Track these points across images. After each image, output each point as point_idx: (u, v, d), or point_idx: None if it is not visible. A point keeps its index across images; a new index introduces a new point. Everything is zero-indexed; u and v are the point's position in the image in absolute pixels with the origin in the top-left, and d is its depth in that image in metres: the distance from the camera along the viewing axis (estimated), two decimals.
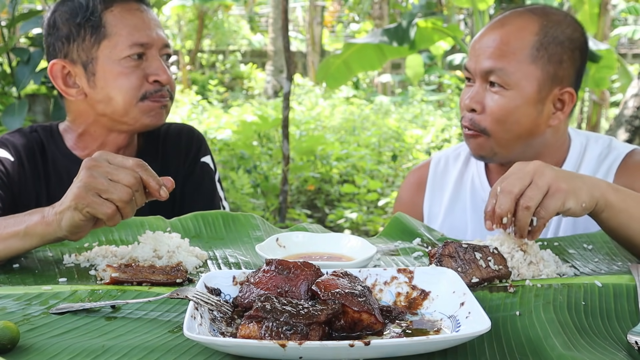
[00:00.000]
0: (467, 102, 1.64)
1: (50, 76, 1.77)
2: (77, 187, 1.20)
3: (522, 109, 1.61)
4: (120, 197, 1.19)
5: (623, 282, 1.12)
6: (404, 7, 14.61)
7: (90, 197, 1.18)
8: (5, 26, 3.84)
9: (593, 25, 9.32)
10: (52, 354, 0.88)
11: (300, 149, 7.41)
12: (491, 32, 1.65)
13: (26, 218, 1.28)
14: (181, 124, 2.01)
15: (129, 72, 1.71)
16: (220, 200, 1.93)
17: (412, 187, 1.97)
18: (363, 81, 15.65)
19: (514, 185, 1.18)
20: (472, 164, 1.86)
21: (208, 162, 1.96)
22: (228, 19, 18.98)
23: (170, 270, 1.18)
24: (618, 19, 15.90)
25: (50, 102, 4.24)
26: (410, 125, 9.72)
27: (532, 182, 1.18)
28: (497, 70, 1.59)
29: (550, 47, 1.61)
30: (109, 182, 1.19)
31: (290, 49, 5.51)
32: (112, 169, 1.21)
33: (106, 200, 1.19)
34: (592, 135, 1.78)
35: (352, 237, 1.35)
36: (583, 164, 1.71)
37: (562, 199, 1.17)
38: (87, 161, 1.23)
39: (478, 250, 1.15)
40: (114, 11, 1.72)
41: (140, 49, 1.72)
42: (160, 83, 1.75)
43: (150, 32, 1.74)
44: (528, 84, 1.61)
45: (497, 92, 1.61)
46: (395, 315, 0.98)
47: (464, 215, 1.82)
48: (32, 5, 8.33)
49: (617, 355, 0.88)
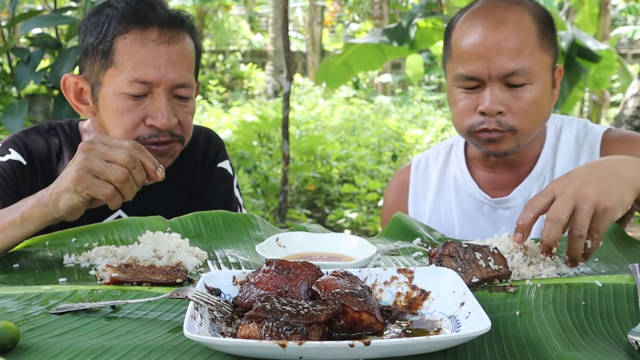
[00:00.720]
0: (493, 107, 1.57)
1: (62, 89, 1.68)
2: (74, 170, 1.22)
3: (546, 98, 1.62)
4: (117, 176, 1.21)
5: (623, 282, 1.12)
6: (404, 7, 14.60)
7: (89, 179, 1.21)
8: (5, 26, 3.84)
9: (593, 25, 9.33)
10: (52, 354, 0.88)
11: (300, 149, 7.41)
12: (492, 32, 1.58)
13: (20, 205, 1.30)
14: (199, 126, 1.88)
15: (126, 110, 1.57)
16: (238, 206, 1.86)
17: (396, 190, 1.97)
18: (363, 81, 15.66)
19: (562, 212, 1.15)
20: (453, 160, 1.86)
21: (226, 168, 1.87)
22: (228, 19, 18.98)
23: (170, 270, 1.18)
24: (618, 19, 15.91)
25: (50, 102, 4.24)
26: (410, 125, 9.73)
27: (576, 207, 1.15)
28: (518, 70, 1.55)
29: (547, 30, 1.61)
30: (105, 163, 1.22)
31: (290, 49, 5.51)
32: (107, 149, 1.23)
33: (104, 181, 1.21)
34: (566, 117, 1.80)
35: (352, 237, 1.35)
36: (560, 144, 1.73)
37: (611, 217, 1.16)
38: (83, 144, 1.25)
39: (478, 250, 1.16)
40: (127, 38, 1.56)
41: (142, 87, 1.56)
42: (157, 128, 1.58)
43: (160, 70, 1.56)
44: (546, 73, 1.61)
45: (522, 90, 1.57)
46: (395, 315, 0.98)
47: (450, 211, 1.82)
48: (32, 5, 8.33)
49: (617, 355, 0.88)
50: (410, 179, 1.93)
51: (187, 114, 1.65)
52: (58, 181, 1.26)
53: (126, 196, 1.25)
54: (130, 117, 1.57)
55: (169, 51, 1.58)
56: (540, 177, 1.72)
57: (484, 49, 1.57)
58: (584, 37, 6.14)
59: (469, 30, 1.61)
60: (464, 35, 1.61)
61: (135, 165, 1.23)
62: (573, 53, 5.72)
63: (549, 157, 1.72)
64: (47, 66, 3.65)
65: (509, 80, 1.57)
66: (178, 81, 1.59)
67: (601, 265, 1.27)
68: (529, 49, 1.56)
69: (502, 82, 1.58)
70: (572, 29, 6.49)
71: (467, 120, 1.63)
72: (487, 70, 1.57)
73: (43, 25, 3.71)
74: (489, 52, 1.56)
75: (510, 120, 1.58)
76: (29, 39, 3.81)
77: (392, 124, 9.53)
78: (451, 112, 1.72)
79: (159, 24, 1.58)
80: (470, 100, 1.62)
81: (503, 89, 1.58)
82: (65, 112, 3.41)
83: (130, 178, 1.23)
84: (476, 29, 1.60)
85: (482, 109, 1.59)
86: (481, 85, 1.60)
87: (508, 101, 1.58)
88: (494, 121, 1.59)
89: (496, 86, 1.58)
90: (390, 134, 8.96)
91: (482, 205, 1.76)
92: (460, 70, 1.61)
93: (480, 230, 1.73)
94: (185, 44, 1.62)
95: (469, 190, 1.79)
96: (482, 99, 1.59)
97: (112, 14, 1.59)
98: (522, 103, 1.58)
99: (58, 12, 3.67)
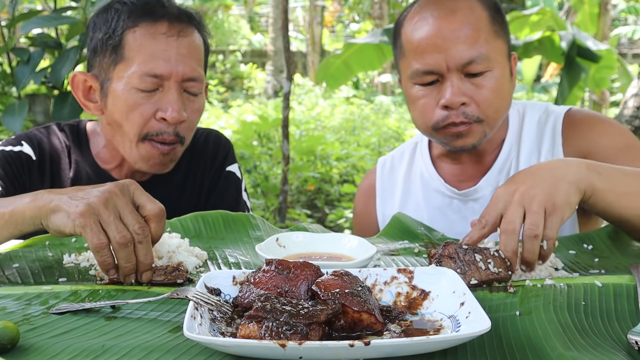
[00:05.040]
0: (455, 98, 1.53)
1: (71, 86, 1.66)
2: (85, 204, 1.11)
3: (505, 85, 1.59)
4: (118, 239, 1.09)
5: (623, 282, 1.12)
6: (403, 7, 14.60)
7: (91, 221, 1.09)
8: (5, 26, 3.84)
9: (593, 25, 9.33)
10: (52, 354, 0.88)
11: (300, 149, 7.42)
12: (445, 22, 1.54)
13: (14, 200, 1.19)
14: (208, 129, 1.87)
15: (137, 104, 1.56)
16: (246, 209, 1.85)
17: (363, 196, 1.95)
18: (363, 81, 15.66)
19: (514, 222, 1.15)
20: (418, 158, 1.85)
21: (234, 171, 1.85)
22: (228, 18, 18.98)
23: (171, 270, 1.18)
24: (618, 19, 15.91)
25: (50, 102, 4.24)
26: (410, 125, 9.73)
27: (525, 210, 1.16)
28: (476, 58, 1.52)
29: (497, 15, 1.59)
30: (116, 219, 1.11)
31: (290, 49, 5.51)
32: (128, 210, 1.12)
33: (103, 232, 1.10)
34: (528, 102, 1.78)
35: (352, 237, 1.35)
36: (524, 130, 1.71)
37: (560, 215, 1.16)
38: (114, 186, 1.14)
39: (478, 252, 1.15)
40: (137, 32, 1.56)
41: (153, 80, 1.56)
42: (167, 122, 1.58)
43: (170, 63, 1.56)
44: (503, 59, 1.59)
45: (483, 78, 1.54)
46: (395, 315, 0.98)
47: (418, 208, 1.80)
48: (32, 5, 8.32)
49: (617, 355, 0.88)
50: (376, 181, 1.91)
51: (195, 112, 1.64)
52: (64, 196, 1.14)
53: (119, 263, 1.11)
54: (141, 111, 1.57)
55: (179, 44, 1.58)
56: (506, 164, 1.70)
57: (439, 40, 1.53)
58: (584, 37, 6.14)
59: (420, 23, 1.57)
60: (416, 29, 1.57)
61: (142, 240, 1.12)
62: (573, 53, 5.72)
63: (514, 144, 1.71)
64: (47, 66, 3.65)
65: (467, 69, 1.54)
66: (188, 74, 1.58)
67: (601, 265, 1.27)
68: (483, 35, 1.54)
69: (461, 72, 1.54)
70: (572, 29, 6.50)
71: (430, 117, 1.59)
72: (444, 61, 1.53)
73: (43, 25, 3.70)
74: (445, 42, 1.53)
75: (475, 110, 1.56)
76: (29, 39, 3.81)
77: (392, 124, 9.54)
78: (411, 113, 1.67)
79: (168, 17, 1.59)
80: (431, 96, 1.58)
81: (463, 80, 1.55)
82: (66, 112, 3.41)
83: (131, 247, 1.11)
84: (427, 21, 1.56)
85: (444, 103, 1.55)
86: (440, 78, 1.57)
87: (470, 91, 1.55)
88: (460, 113, 1.55)
89: (455, 77, 1.54)
90: (390, 134, 8.97)
91: (451, 201, 1.75)
92: (416, 65, 1.57)
93: (450, 226, 1.71)
94: (195, 38, 1.62)
95: (436, 187, 1.77)
96: (443, 92, 1.55)
97: (121, 9, 1.59)
98: (485, 92, 1.55)
99: (58, 12, 3.67)
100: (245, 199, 1.86)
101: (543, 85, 13.34)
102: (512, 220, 1.15)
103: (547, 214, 1.15)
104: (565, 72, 5.82)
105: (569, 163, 1.27)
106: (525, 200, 1.16)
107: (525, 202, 1.16)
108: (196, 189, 1.81)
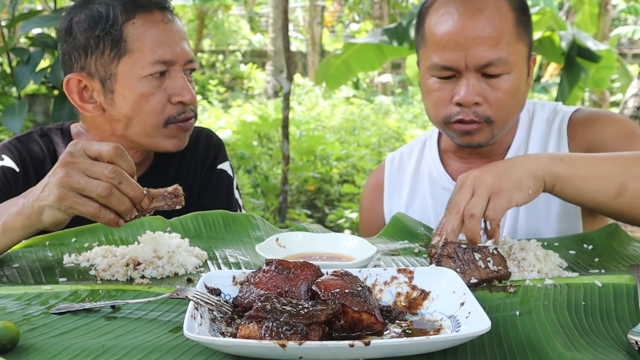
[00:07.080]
0: (469, 97, 1.53)
1: (66, 91, 1.64)
2: (56, 187, 1.14)
3: (521, 87, 1.59)
4: (99, 193, 1.13)
5: (623, 282, 1.12)
6: (404, 7, 14.61)
7: (72, 197, 1.14)
8: (5, 26, 3.85)
9: (593, 25, 9.33)
10: (52, 354, 0.88)
11: (300, 149, 7.42)
12: (470, 20, 1.52)
13: (2, 213, 1.23)
14: (198, 127, 1.87)
15: (151, 92, 1.59)
16: (238, 207, 1.85)
17: (370, 192, 1.94)
18: (363, 81, 15.67)
19: (459, 203, 1.24)
20: (427, 155, 1.84)
21: (226, 169, 1.86)
22: (228, 19, 18.99)
23: (168, 195, 1.19)
24: (618, 19, 15.91)
25: (50, 102, 4.24)
26: (410, 125, 9.74)
27: (474, 193, 1.23)
28: (495, 61, 1.52)
29: (523, 17, 1.58)
30: (86, 179, 1.14)
31: (290, 49, 5.52)
32: (89, 164, 1.15)
33: (87, 198, 1.14)
34: (538, 102, 1.78)
35: (352, 237, 1.35)
36: (533, 129, 1.72)
37: (507, 197, 1.22)
38: (64, 157, 1.17)
39: (477, 250, 1.15)
40: (136, 23, 1.58)
41: (163, 66, 1.59)
42: (184, 104, 1.63)
43: (175, 47, 1.60)
44: (522, 62, 1.59)
45: (499, 80, 1.54)
46: (395, 315, 0.98)
47: (425, 205, 1.80)
48: (32, 5, 8.33)
49: (617, 355, 0.88)
50: (384, 177, 1.90)
51: (193, 89, 1.70)
52: (38, 193, 1.18)
53: (117, 209, 1.17)
54: (157, 99, 1.60)
55: (174, 30, 1.64)
56: None
57: (461, 38, 1.52)
58: (584, 37, 6.14)
59: (444, 17, 1.56)
60: (440, 23, 1.56)
61: (121, 180, 1.15)
62: (573, 53, 5.72)
63: (522, 144, 1.71)
64: (47, 66, 3.65)
65: (485, 70, 1.53)
66: (189, 56, 1.65)
67: (601, 265, 1.27)
68: (506, 38, 1.53)
69: (479, 72, 1.54)
70: (572, 29, 6.50)
71: (442, 111, 1.60)
72: (463, 60, 1.53)
73: (43, 25, 3.71)
74: (466, 41, 1.52)
75: (487, 111, 1.56)
76: (29, 39, 3.81)
77: (392, 124, 9.54)
78: (425, 102, 1.67)
79: (157, 6, 1.64)
80: (446, 90, 1.58)
81: (479, 79, 1.54)
82: (65, 112, 3.41)
83: (115, 191, 1.14)
84: (452, 16, 1.55)
85: (457, 100, 1.55)
86: (457, 74, 1.56)
87: (484, 92, 1.55)
88: (471, 112, 1.56)
89: (472, 76, 1.54)
90: (390, 134, 8.97)
91: None
92: (435, 59, 1.57)
93: None
94: (178, 22, 1.69)
95: (444, 184, 1.77)
96: (458, 89, 1.55)
97: (112, 4, 1.59)
98: (499, 93, 1.55)
99: (58, 12, 3.67)
100: (237, 197, 1.87)
101: (543, 85, 13.35)
102: (458, 202, 1.24)
103: (492, 196, 1.22)
104: (565, 72, 5.83)
105: (531, 155, 1.33)
106: (475, 183, 1.24)
107: (475, 185, 1.24)
108: (187, 187, 1.81)
